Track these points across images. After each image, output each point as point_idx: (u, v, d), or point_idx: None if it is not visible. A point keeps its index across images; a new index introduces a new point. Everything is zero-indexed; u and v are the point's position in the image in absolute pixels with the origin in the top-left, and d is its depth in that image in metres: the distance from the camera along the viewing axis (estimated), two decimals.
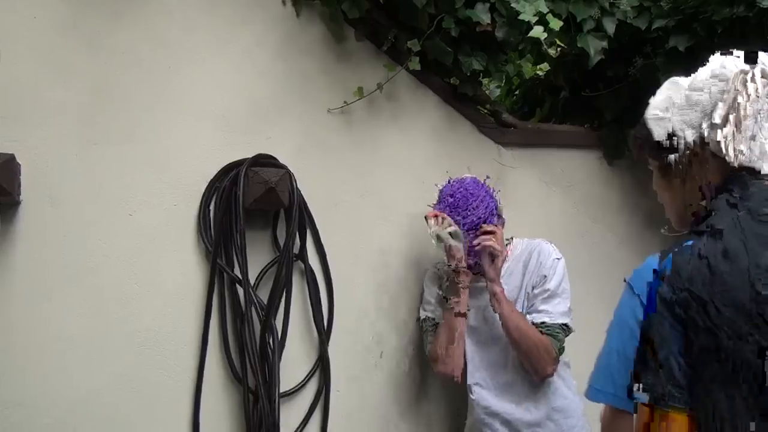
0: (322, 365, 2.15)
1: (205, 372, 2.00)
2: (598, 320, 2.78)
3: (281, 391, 2.01)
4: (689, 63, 2.49)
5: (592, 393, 1.17)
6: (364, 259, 2.26)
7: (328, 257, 2.18)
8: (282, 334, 2.06)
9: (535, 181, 2.56)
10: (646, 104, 1.25)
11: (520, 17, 2.17)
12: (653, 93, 1.24)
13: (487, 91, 2.75)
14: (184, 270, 2.02)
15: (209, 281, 2.01)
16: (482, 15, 2.22)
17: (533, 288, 2.06)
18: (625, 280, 1.17)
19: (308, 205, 2.13)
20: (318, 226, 2.17)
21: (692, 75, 1.22)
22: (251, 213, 2.04)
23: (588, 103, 2.69)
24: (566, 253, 2.16)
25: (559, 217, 2.59)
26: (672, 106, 1.21)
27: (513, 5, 2.19)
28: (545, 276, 2.05)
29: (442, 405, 2.35)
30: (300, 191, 2.07)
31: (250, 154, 2.04)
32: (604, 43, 2.41)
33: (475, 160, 2.45)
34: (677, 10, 2.38)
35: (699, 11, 2.31)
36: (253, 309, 2.00)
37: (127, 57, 1.97)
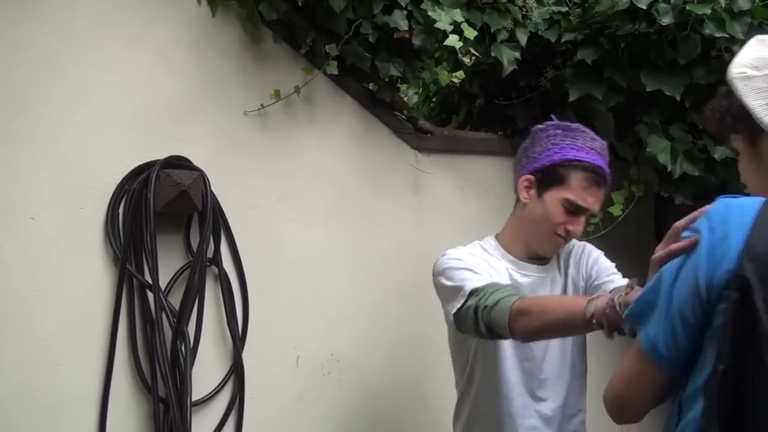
0: (236, 372, 2.11)
1: (112, 381, 1.92)
2: None
3: (193, 399, 1.95)
4: (596, 75, 2.63)
5: None
6: (280, 264, 2.24)
7: (243, 262, 2.15)
8: (194, 340, 2.01)
9: (451, 187, 2.61)
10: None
11: (437, 25, 2.21)
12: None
13: (405, 98, 2.78)
14: (91, 275, 1.93)
15: (117, 287, 1.94)
16: (400, 21, 2.24)
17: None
18: None
19: (223, 208, 2.09)
20: (233, 230, 2.13)
21: None
22: (163, 216, 1.98)
23: (501, 112, 2.76)
24: None
25: (474, 222, 2.64)
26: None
27: (430, 13, 2.23)
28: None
29: (359, 411, 2.35)
30: (214, 194, 2.03)
31: (162, 156, 1.98)
32: (517, 54, 2.49)
33: (393, 165, 2.47)
34: (584, 25, 2.49)
35: (605, 26, 2.42)
36: (164, 315, 1.94)
37: (30, 51, 1.87)
